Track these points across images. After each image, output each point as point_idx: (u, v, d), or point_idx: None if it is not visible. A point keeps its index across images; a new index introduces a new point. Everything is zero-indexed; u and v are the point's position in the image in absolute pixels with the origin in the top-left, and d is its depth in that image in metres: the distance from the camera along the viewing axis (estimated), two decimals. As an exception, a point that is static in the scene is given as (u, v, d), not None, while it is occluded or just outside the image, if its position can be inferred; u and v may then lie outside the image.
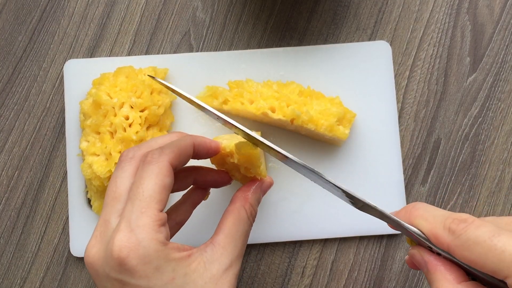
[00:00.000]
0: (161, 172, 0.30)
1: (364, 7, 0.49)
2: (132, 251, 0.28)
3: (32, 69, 0.49)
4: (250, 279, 0.46)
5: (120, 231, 0.28)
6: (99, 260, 0.29)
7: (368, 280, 0.46)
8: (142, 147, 0.33)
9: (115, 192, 0.30)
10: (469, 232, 0.26)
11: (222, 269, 0.30)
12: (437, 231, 0.27)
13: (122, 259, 0.28)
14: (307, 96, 0.44)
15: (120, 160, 0.32)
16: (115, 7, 0.49)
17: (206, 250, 0.30)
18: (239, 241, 0.32)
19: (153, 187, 0.29)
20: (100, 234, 0.30)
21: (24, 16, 0.49)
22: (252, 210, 0.34)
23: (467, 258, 0.26)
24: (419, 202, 0.30)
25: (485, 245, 0.25)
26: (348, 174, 0.46)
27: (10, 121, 0.48)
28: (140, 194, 0.29)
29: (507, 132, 0.48)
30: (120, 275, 0.28)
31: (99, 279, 0.29)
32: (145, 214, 0.29)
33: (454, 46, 0.49)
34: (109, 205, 0.30)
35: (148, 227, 0.28)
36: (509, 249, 0.24)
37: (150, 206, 0.29)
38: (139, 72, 0.45)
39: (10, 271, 0.47)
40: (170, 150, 0.31)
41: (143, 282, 0.28)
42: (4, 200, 0.47)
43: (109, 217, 0.30)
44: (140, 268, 0.28)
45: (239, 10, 0.49)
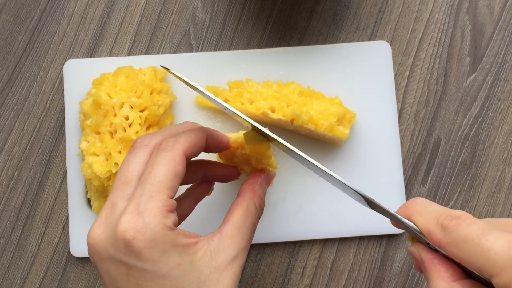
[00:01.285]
0: (174, 159, 0.30)
1: (364, 7, 0.49)
2: (139, 233, 0.27)
3: (32, 69, 0.49)
4: (250, 279, 0.46)
5: (127, 213, 0.28)
6: (104, 241, 0.28)
7: (368, 280, 0.46)
8: (157, 134, 0.33)
9: (126, 176, 0.30)
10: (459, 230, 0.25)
11: (228, 259, 0.30)
12: (430, 227, 0.27)
13: (128, 241, 0.27)
14: (307, 96, 0.44)
15: (134, 146, 0.32)
16: (115, 7, 0.49)
17: (213, 239, 0.30)
18: (246, 233, 0.32)
19: (166, 173, 0.29)
20: (106, 216, 0.29)
21: (24, 16, 0.49)
22: (261, 202, 0.34)
23: (456, 256, 0.26)
24: (418, 198, 0.30)
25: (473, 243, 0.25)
26: (348, 174, 0.46)
27: (10, 121, 0.48)
28: (151, 179, 0.29)
29: (507, 132, 0.48)
30: (125, 258, 0.28)
31: (102, 262, 0.29)
32: (154, 198, 0.28)
33: (454, 46, 0.49)
34: (118, 188, 0.30)
35: (157, 211, 0.28)
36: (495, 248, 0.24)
37: (160, 191, 0.29)
38: (139, 72, 0.45)
39: (10, 271, 0.47)
40: (185, 139, 0.31)
41: (149, 266, 0.28)
42: (4, 200, 0.47)
43: (116, 200, 0.29)
44: (146, 251, 0.27)
45: (239, 10, 0.49)
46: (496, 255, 0.24)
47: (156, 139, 0.32)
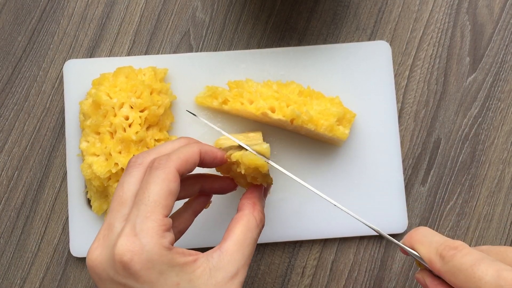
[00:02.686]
0: (167, 177, 0.30)
1: (364, 7, 0.49)
2: (136, 256, 0.28)
3: (32, 69, 0.49)
4: (250, 279, 0.46)
5: (123, 235, 0.28)
6: (102, 263, 0.29)
7: (368, 280, 0.46)
8: (151, 152, 0.33)
9: (121, 197, 0.30)
10: (455, 259, 0.28)
11: (227, 276, 0.30)
12: (431, 256, 0.29)
13: (126, 263, 0.28)
14: (307, 96, 0.44)
15: (128, 165, 0.32)
16: (115, 7, 0.49)
17: (213, 256, 0.30)
18: (247, 249, 0.32)
19: (159, 192, 0.29)
20: (103, 238, 0.30)
21: (23, 16, 0.49)
22: (261, 217, 0.34)
23: (453, 283, 0.28)
24: (421, 227, 0.32)
25: (466, 273, 0.27)
26: (348, 174, 0.46)
27: (10, 121, 0.48)
28: (145, 199, 0.29)
29: (507, 132, 0.48)
30: (124, 279, 0.28)
31: (102, 283, 0.29)
32: (149, 219, 0.29)
33: (454, 46, 0.49)
34: (114, 209, 0.30)
35: (153, 232, 0.28)
36: (485, 277, 0.26)
37: (155, 211, 0.29)
38: (138, 72, 0.45)
39: (10, 271, 0.47)
40: (177, 156, 0.31)
41: (147, 287, 0.28)
42: (4, 200, 0.47)
43: (113, 221, 0.30)
44: (144, 273, 0.28)
45: (239, 10, 0.49)
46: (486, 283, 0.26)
47: (150, 157, 0.32)
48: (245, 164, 0.34)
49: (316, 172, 0.46)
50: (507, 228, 0.47)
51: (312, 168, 0.46)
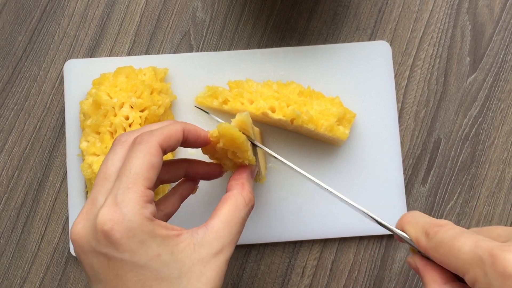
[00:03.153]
0: (149, 151, 0.30)
1: (364, 7, 0.49)
2: (116, 224, 0.28)
3: (32, 69, 0.49)
4: (250, 279, 0.46)
5: (105, 206, 0.28)
6: (85, 236, 0.29)
7: (368, 280, 0.46)
8: (135, 131, 0.33)
9: (105, 172, 0.31)
10: (438, 235, 0.29)
11: (212, 252, 0.30)
12: (418, 235, 0.30)
13: (107, 232, 0.28)
14: (307, 96, 0.44)
15: (113, 144, 0.33)
16: (115, 7, 0.49)
17: (198, 232, 0.30)
18: (234, 227, 0.32)
19: (141, 165, 0.30)
20: (87, 211, 0.30)
21: (24, 16, 0.49)
22: (250, 197, 0.34)
23: (437, 259, 0.29)
24: (412, 211, 0.33)
25: (447, 246, 0.28)
26: (348, 174, 0.46)
27: (10, 121, 0.48)
28: (127, 171, 0.30)
29: (507, 132, 0.48)
30: (105, 249, 0.28)
31: (85, 256, 0.29)
32: (131, 190, 0.29)
33: (454, 46, 0.49)
34: (98, 184, 0.31)
35: (133, 202, 0.29)
36: (464, 248, 0.27)
37: (136, 182, 0.29)
38: (139, 72, 0.45)
39: (10, 271, 0.47)
40: (160, 132, 0.32)
41: (127, 256, 0.28)
42: (4, 200, 0.47)
43: (97, 196, 0.30)
44: (124, 242, 0.28)
45: (239, 10, 0.50)
46: (464, 254, 0.27)
47: (134, 135, 0.33)
48: (222, 135, 0.34)
49: (316, 172, 0.46)
50: (507, 228, 0.47)
51: (312, 168, 0.46)
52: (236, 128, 0.34)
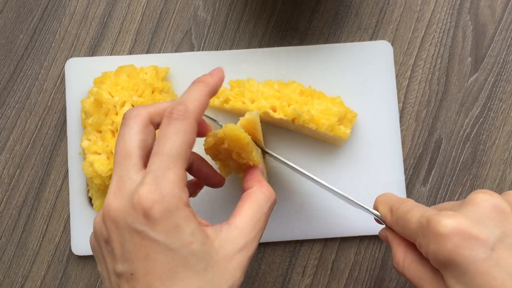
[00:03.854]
0: (187, 129, 0.30)
1: (366, 7, 0.49)
2: (157, 204, 0.28)
3: (34, 67, 0.49)
4: (251, 279, 0.46)
5: (145, 184, 0.28)
6: (122, 212, 0.29)
7: (368, 280, 0.46)
8: (146, 106, 0.33)
9: (125, 149, 0.30)
10: (398, 210, 0.33)
11: (235, 249, 0.30)
12: (386, 212, 0.35)
13: (147, 210, 0.28)
14: (308, 96, 0.44)
15: (125, 118, 0.32)
16: (117, 5, 0.49)
17: (221, 229, 0.30)
18: (257, 224, 0.31)
19: (181, 144, 0.29)
20: (119, 189, 0.29)
21: (25, 15, 0.49)
22: (271, 192, 0.34)
23: (398, 231, 0.33)
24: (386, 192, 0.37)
25: (403, 219, 0.32)
26: (349, 174, 0.46)
27: (12, 120, 0.48)
28: (168, 150, 0.29)
29: (508, 133, 0.48)
30: (142, 226, 0.28)
31: (118, 232, 0.29)
32: (171, 171, 0.29)
33: (456, 46, 0.49)
34: (121, 162, 0.30)
35: (174, 184, 0.28)
36: (412, 219, 0.31)
37: (177, 163, 0.29)
38: (140, 71, 0.45)
39: (12, 269, 0.47)
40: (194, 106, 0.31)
41: (162, 237, 0.28)
42: (6, 199, 0.47)
43: (125, 173, 0.30)
44: (162, 222, 0.28)
45: (241, 9, 0.49)
46: (412, 224, 0.31)
47: (145, 109, 0.32)
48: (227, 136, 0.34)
49: (317, 171, 0.46)
50: (508, 228, 0.47)
51: (313, 167, 0.46)
52: (242, 129, 0.34)
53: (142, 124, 0.31)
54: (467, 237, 0.28)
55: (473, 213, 0.29)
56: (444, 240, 0.28)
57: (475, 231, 0.28)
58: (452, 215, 0.29)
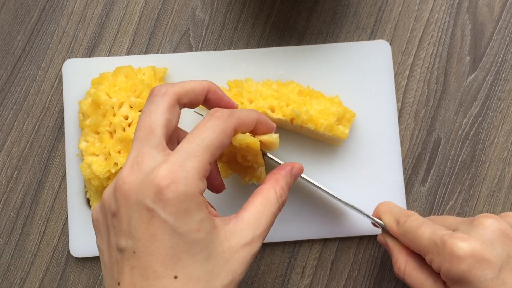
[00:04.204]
0: (225, 130, 0.30)
1: (364, 6, 0.49)
2: (173, 184, 0.27)
3: (31, 68, 0.49)
4: (250, 279, 0.46)
5: (169, 163, 0.28)
6: (135, 187, 0.28)
7: (368, 280, 0.46)
8: (174, 84, 0.33)
9: (150, 126, 0.30)
10: (406, 224, 0.37)
11: (241, 243, 0.30)
12: (391, 223, 0.38)
13: (162, 188, 0.27)
14: (306, 96, 0.44)
15: (152, 94, 0.32)
16: (114, 6, 0.49)
17: (229, 222, 0.30)
18: (264, 221, 0.31)
19: (214, 140, 0.30)
20: (137, 164, 0.29)
21: (23, 16, 0.49)
22: (282, 193, 0.33)
23: (405, 242, 0.37)
24: (386, 201, 0.41)
25: (412, 233, 0.36)
26: (347, 174, 0.46)
27: (9, 121, 0.48)
28: (199, 139, 0.29)
29: (507, 132, 0.48)
30: (152, 204, 0.27)
31: (128, 207, 0.28)
32: (197, 159, 0.29)
33: (454, 45, 0.49)
34: (144, 138, 0.30)
35: (195, 171, 0.28)
36: (424, 235, 0.34)
37: (205, 154, 0.29)
38: (138, 72, 0.45)
39: (10, 271, 0.47)
40: (239, 116, 0.32)
41: (170, 219, 0.27)
42: (3, 201, 0.47)
43: (146, 149, 0.29)
44: (174, 203, 0.27)
45: (239, 10, 0.49)
46: (424, 240, 0.34)
47: (173, 88, 0.32)
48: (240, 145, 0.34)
49: (315, 171, 0.46)
50: (507, 227, 0.47)
51: (312, 167, 0.46)
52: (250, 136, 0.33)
53: (169, 104, 0.31)
54: (479, 259, 0.32)
55: (483, 236, 0.33)
56: (459, 261, 0.32)
57: (487, 254, 0.32)
58: (466, 239, 0.32)
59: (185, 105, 0.33)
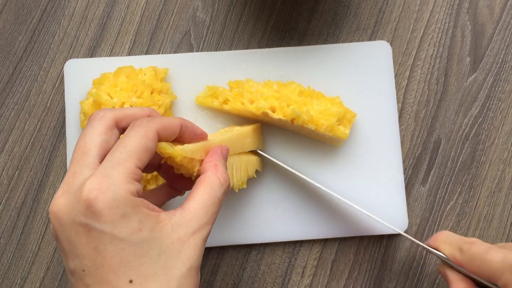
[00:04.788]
0: (146, 135, 0.31)
1: (365, 7, 0.49)
2: (101, 194, 0.28)
3: (33, 69, 0.49)
4: (251, 279, 0.46)
5: (93, 176, 0.28)
6: (65, 207, 0.29)
7: (368, 280, 0.46)
8: (113, 109, 0.33)
9: (84, 147, 0.31)
10: (471, 250, 0.36)
11: (189, 232, 0.30)
12: (454, 252, 0.38)
13: (90, 201, 0.27)
14: (307, 96, 0.44)
15: (90, 119, 0.32)
16: (116, 7, 0.49)
17: (175, 214, 0.30)
18: (210, 207, 0.32)
19: (136, 145, 0.30)
20: (68, 185, 0.30)
21: (24, 16, 0.49)
22: (225, 177, 0.34)
23: (472, 270, 0.36)
24: (444, 231, 0.40)
25: (480, 259, 0.35)
26: (348, 174, 0.46)
27: (11, 121, 0.48)
28: (122, 148, 0.30)
29: (507, 132, 0.48)
30: (86, 219, 0.28)
31: (63, 229, 0.29)
32: (121, 165, 0.29)
33: (455, 46, 0.49)
34: (77, 159, 0.30)
35: (122, 176, 0.29)
36: (495, 260, 0.34)
37: (128, 159, 0.29)
38: (139, 72, 0.45)
39: (11, 270, 0.47)
40: (159, 120, 0.32)
41: (108, 228, 0.28)
42: (5, 200, 0.47)
43: (77, 170, 0.30)
44: (106, 212, 0.27)
45: (240, 10, 0.50)
46: (495, 264, 0.34)
47: (111, 112, 0.33)
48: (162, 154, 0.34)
49: (316, 172, 0.46)
50: (507, 228, 0.47)
51: (312, 168, 0.46)
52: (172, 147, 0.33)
53: (106, 126, 0.32)
54: None
55: None
56: None
57: None
58: None
59: (124, 129, 0.33)
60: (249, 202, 0.46)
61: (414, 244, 0.47)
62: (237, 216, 0.46)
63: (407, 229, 0.46)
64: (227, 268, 0.46)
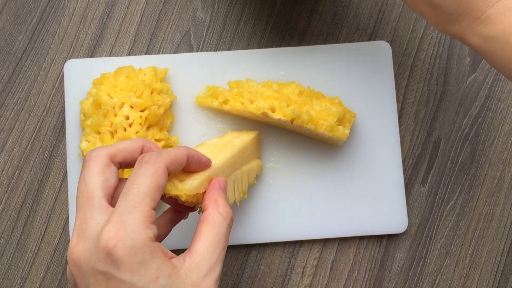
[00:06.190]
0: (156, 172, 0.30)
1: (364, 7, 0.49)
2: (120, 242, 0.28)
3: (32, 69, 0.49)
4: (250, 279, 0.46)
5: (110, 223, 0.28)
6: (84, 255, 0.29)
7: (368, 280, 0.46)
8: (106, 147, 0.33)
9: (87, 191, 0.31)
10: None
11: (201, 276, 0.30)
12: None
13: (110, 249, 0.28)
14: (307, 96, 0.44)
15: (85, 160, 0.32)
16: (115, 7, 0.49)
17: (185, 259, 0.30)
18: (217, 246, 0.32)
19: (148, 185, 0.30)
20: (82, 232, 0.30)
21: (24, 16, 0.49)
22: (227, 211, 0.34)
23: None
24: None
25: None
26: (348, 174, 0.46)
27: (10, 121, 0.48)
28: (134, 190, 0.29)
29: (507, 132, 0.48)
30: (105, 267, 0.28)
31: (82, 276, 0.29)
32: (137, 209, 0.29)
33: (454, 46, 0.49)
34: (84, 204, 0.30)
35: (139, 221, 0.29)
36: None
37: (143, 202, 0.29)
38: (139, 72, 0.45)
39: (10, 271, 0.47)
40: (167, 154, 0.32)
41: (127, 276, 0.28)
42: (4, 200, 0.47)
43: (87, 215, 0.30)
44: (126, 260, 0.28)
45: (239, 10, 0.50)
46: None
47: (104, 150, 0.32)
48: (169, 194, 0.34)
49: (316, 172, 0.46)
50: (507, 228, 0.47)
51: (312, 168, 0.46)
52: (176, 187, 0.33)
53: (102, 165, 0.32)
54: None
55: None
56: None
57: None
58: None
59: (121, 164, 0.33)
60: (249, 202, 0.46)
61: (414, 244, 0.47)
62: (237, 216, 0.46)
63: (407, 229, 0.46)
64: (227, 268, 0.46)
